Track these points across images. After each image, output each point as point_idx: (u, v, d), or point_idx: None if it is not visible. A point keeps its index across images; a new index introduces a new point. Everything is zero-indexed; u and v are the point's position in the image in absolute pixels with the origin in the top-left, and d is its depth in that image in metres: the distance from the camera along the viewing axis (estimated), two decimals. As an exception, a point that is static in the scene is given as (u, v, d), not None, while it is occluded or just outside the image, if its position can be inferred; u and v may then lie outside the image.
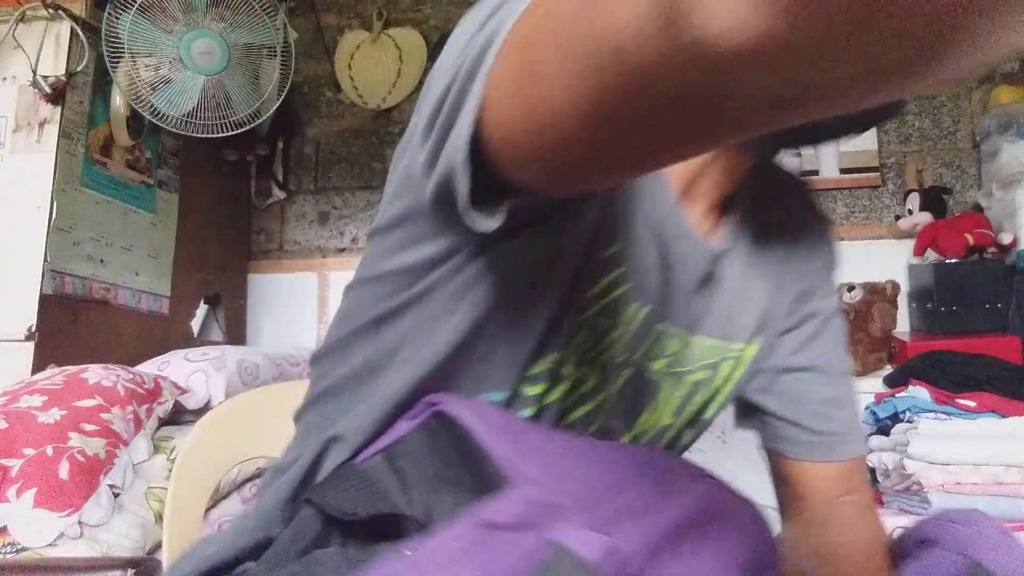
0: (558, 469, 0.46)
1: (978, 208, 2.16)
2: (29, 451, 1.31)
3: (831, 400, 0.67)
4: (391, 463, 0.49)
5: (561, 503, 0.42)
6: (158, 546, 1.32)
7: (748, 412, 0.71)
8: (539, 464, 0.45)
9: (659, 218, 0.57)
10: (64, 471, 1.30)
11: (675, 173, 0.58)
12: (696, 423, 0.67)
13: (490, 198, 0.41)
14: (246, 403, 1.03)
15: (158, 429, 1.54)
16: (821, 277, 0.69)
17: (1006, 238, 1.95)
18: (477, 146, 0.38)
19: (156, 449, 1.49)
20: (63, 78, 1.87)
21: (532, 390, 0.55)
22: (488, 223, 0.42)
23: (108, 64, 1.88)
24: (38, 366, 1.72)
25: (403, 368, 0.54)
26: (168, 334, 2.20)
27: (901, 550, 0.58)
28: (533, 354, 0.54)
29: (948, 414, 1.60)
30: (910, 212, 2.15)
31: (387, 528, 0.45)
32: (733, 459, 1.70)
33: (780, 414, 0.68)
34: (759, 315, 0.65)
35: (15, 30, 1.87)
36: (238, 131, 2.02)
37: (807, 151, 2.36)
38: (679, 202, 0.58)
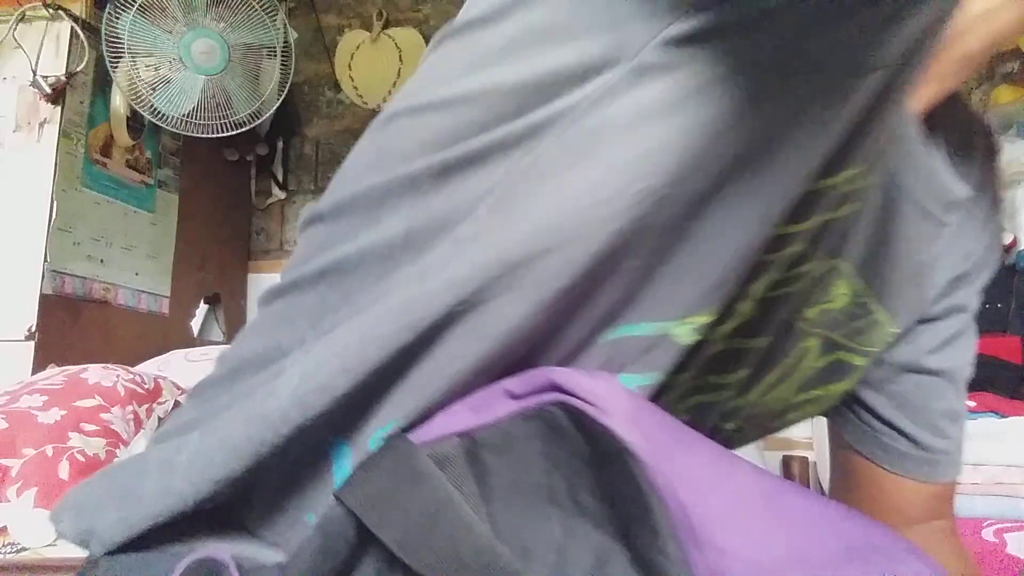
0: (752, 535, 0.31)
1: (978, 208, 2.17)
2: (29, 451, 1.31)
3: (951, 413, 0.56)
4: (473, 460, 0.33)
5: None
6: (158, 546, 1.32)
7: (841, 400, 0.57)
8: (729, 526, 0.30)
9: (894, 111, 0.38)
10: (64, 471, 1.30)
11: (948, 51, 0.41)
12: (816, 407, 0.53)
13: None
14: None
15: (158, 429, 1.54)
16: (983, 263, 0.55)
17: (1006, 238, 1.95)
18: None
19: (156, 449, 1.49)
20: (63, 78, 1.87)
21: (684, 336, 0.37)
22: None
23: (108, 64, 1.88)
24: (38, 366, 1.72)
25: (470, 248, 0.35)
26: (168, 334, 2.20)
27: None
28: (734, 263, 0.36)
29: (948, 414, 1.60)
30: (910, 212, 2.15)
31: None
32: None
33: (888, 418, 0.56)
34: (916, 292, 0.51)
35: (15, 30, 1.87)
36: (238, 131, 2.02)
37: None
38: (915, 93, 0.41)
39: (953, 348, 0.54)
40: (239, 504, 0.40)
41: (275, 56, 2.04)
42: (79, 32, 1.90)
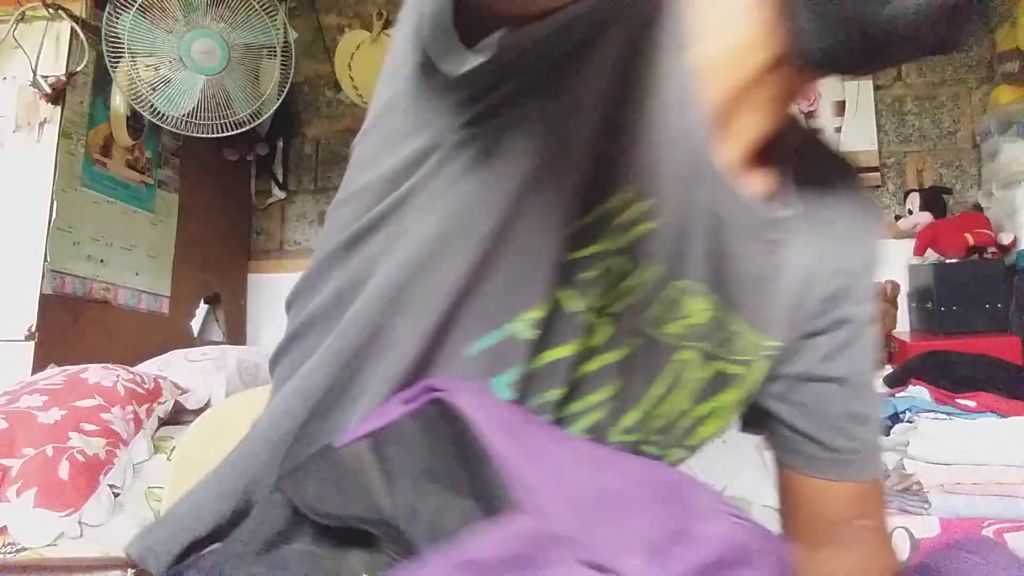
0: (565, 480, 0.41)
1: (978, 208, 2.16)
2: (29, 451, 1.31)
3: (854, 416, 0.61)
4: (377, 451, 0.43)
5: (560, 533, 0.37)
6: (158, 546, 1.32)
7: (759, 418, 0.64)
8: (544, 471, 0.41)
9: (685, 148, 0.48)
10: (64, 471, 1.30)
11: (708, 94, 0.48)
12: (719, 419, 0.58)
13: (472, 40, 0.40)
14: (244, 402, 1.03)
15: (158, 429, 1.54)
16: (860, 279, 0.60)
17: (1006, 238, 1.95)
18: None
19: (156, 449, 1.49)
20: (63, 78, 1.87)
21: (526, 331, 0.48)
22: (474, 59, 0.39)
23: (108, 64, 1.88)
24: (38, 366, 1.72)
25: (373, 291, 0.49)
26: (168, 334, 2.20)
27: None
28: (537, 281, 0.47)
29: (948, 414, 1.60)
30: (910, 212, 2.15)
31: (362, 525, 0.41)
32: (732, 459, 1.70)
33: (797, 426, 0.61)
34: (790, 309, 0.57)
35: (15, 30, 1.87)
36: (238, 131, 2.02)
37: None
38: (711, 134, 0.49)
39: (845, 356, 0.60)
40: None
41: (275, 56, 2.04)
42: (79, 32, 1.90)
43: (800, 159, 0.58)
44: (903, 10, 0.44)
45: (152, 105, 1.92)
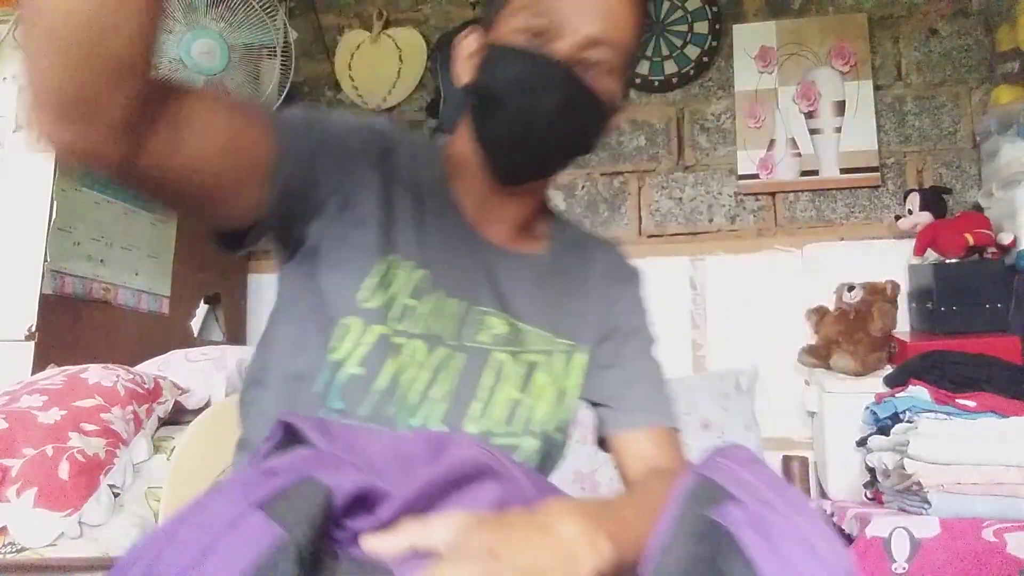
0: (358, 447, 0.61)
1: (978, 208, 2.16)
2: (29, 451, 1.31)
3: (627, 381, 0.87)
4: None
5: (337, 459, 0.56)
6: (158, 546, 1.32)
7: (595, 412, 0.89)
8: (343, 444, 0.60)
9: (449, 227, 0.81)
10: (64, 471, 1.30)
11: (467, 205, 0.83)
12: (546, 403, 0.80)
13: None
14: (246, 403, 1.03)
15: (158, 429, 1.54)
16: (626, 317, 0.91)
17: (1006, 238, 1.95)
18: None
19: (156, 449, 1.49)
20: (63, 78, 1.87)
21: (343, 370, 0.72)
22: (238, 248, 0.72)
23: (108, 64, 1.88)
24: (38, 366, 1.72)
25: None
26: (168, 334, 2.20)
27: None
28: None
29: (948, 414, 1.60)
30: (910, 212, 2.15)
31: None
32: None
33: (597, 401, 0.87)
34: (575, 322, 0.85)
35: (15, 30, 1.87)
36: (238, 131, 2.02)
37: (807, 151, 2.36)
38: (474, 223, 0.83)
39: (621, 351, 0.89)
40: None
41: (275, 56, 2.04)
42: (79, 32, 1.90)
43: (564, 230, 0.92)
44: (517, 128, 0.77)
45: (152, 105, 1.92)
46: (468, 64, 0.82)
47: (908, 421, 1.62)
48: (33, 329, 1.76)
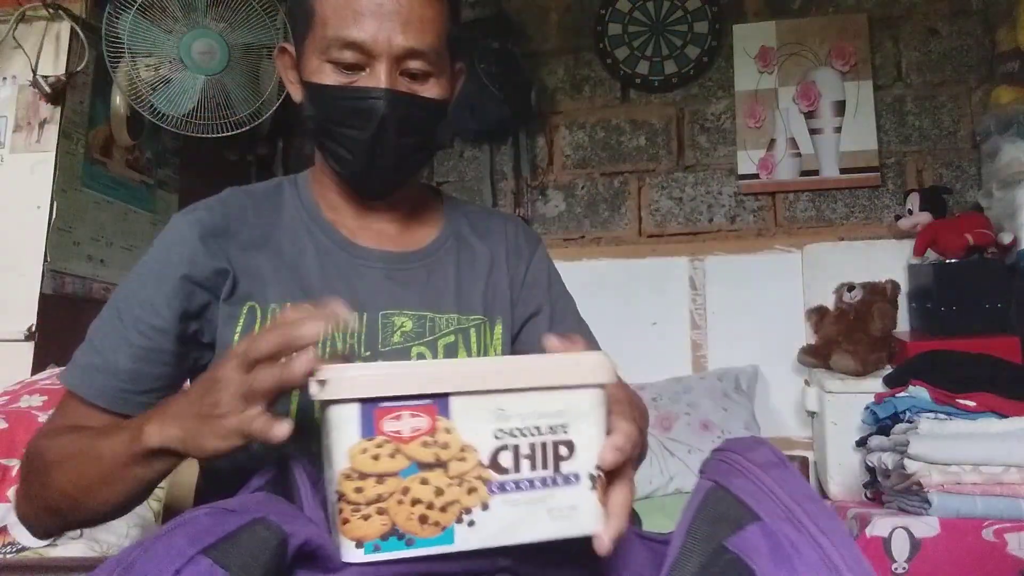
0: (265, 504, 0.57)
1: (978, 208, 2.16)
2: (29, 451, 1.31)
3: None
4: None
5: (294, 510, 0.55)
6: (158, 546, 1.32)
7: None
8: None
9: (325, 250, 0.84)
10: (64, 471, 1.30)
11: (342, 220, 0.87)
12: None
13: None
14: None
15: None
16: (534, 284, 0.94)
17: (1006, 238, 1.95)
18: None
19: (156, 449, 1.49)
20: (63, 78, 1.87)
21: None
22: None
23: (108, 64, 1.88)
24: (38, 366, 1.71)
25: None
26: (168, 334, 2.20)
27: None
28: None
29: (948, 414, 1.60)
30: (910, 212, 2.15)
31: None
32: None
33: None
34: (481, 299, 0.89)
35: (15, 30, 1.87)
36: (238, 131, 2.02)
37: (807, 151, 2.36)
38: (353, 235, 0.86)
39: (554, 323, 0.94)
40: None
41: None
42: (79, 32, 1.90)
43: (454, 212, 0.95)
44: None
45: (152, 105, 1.92)
46: (295, 92, 0.84)
47: (908, 421, 1.62)
48: (33, 329, 1.76)
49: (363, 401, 0.47)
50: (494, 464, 0.49)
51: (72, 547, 1.24)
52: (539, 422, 0.50)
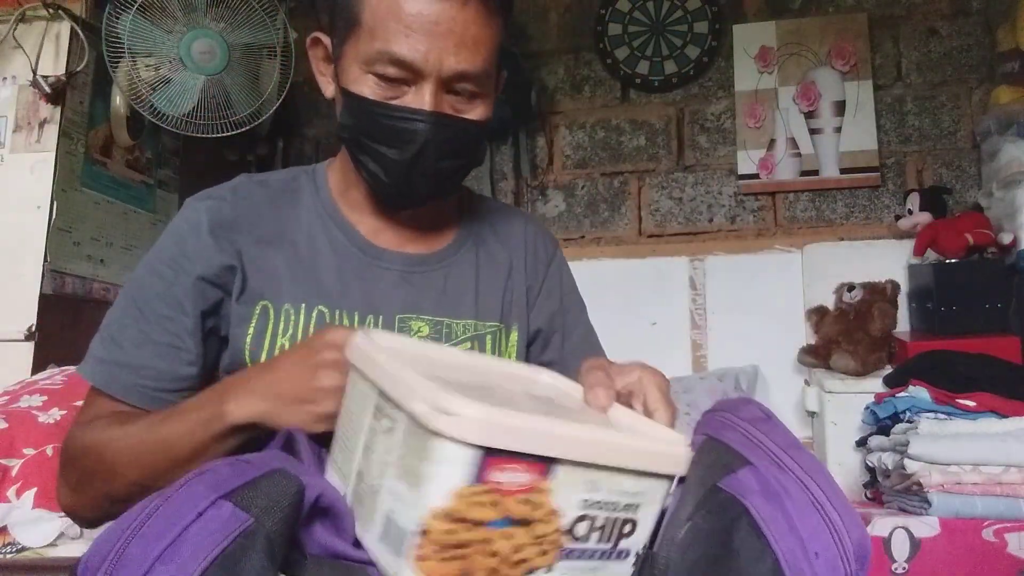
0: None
1: (978, 208, 2.16)
2: (29, 451, 1.31)
3: (572, 349, 0.94)
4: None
5: (310, 469, 0.58)
6: (158, 546, 1.32)
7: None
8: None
9: (343, 250, 0.82)
10: (64, 471, 1.30)
11: (361, 220, 0.84)
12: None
13: None
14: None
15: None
16: (549, 295, 0.93)
17: (1006, 238, 1.95)
18: None
19: (156, 449, 1.49)
20: (63, 78, 1.87)
21: None
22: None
23: (108, 64, 1.88)
24: (38, 366, 1.72)
25: None
26: (168, 334, 2.20)
27: None
28: None
29: (948, 414, 1.60)
30: (910, 212, 2.15)
31: None
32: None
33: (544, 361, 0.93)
34: (499, 304, 0.88)
35: (15, 30, 1.87)
36: (238, 131, 2.02)
37: (807, 151, 2.36)
38: (372, 235, 0.84)
39: (569, 342, 0.95)
40: None
41: (275, 56, 2.04)
42: (79, 32, 1.90)
43: (473, 212, 0.92)
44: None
45: (152, 105, 1.92)
46: (326, 85, 0.81)
47: (908, 421, 1.62)
48: (33, 329, 1.76)
49: (480, 448, 0.45)
50: (571, 531, 0.50)
51: (72, 547, 1.24)
52: (619, 499, 0.51)
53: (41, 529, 1.25)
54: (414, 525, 0.46)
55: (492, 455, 0.45)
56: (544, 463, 0.47)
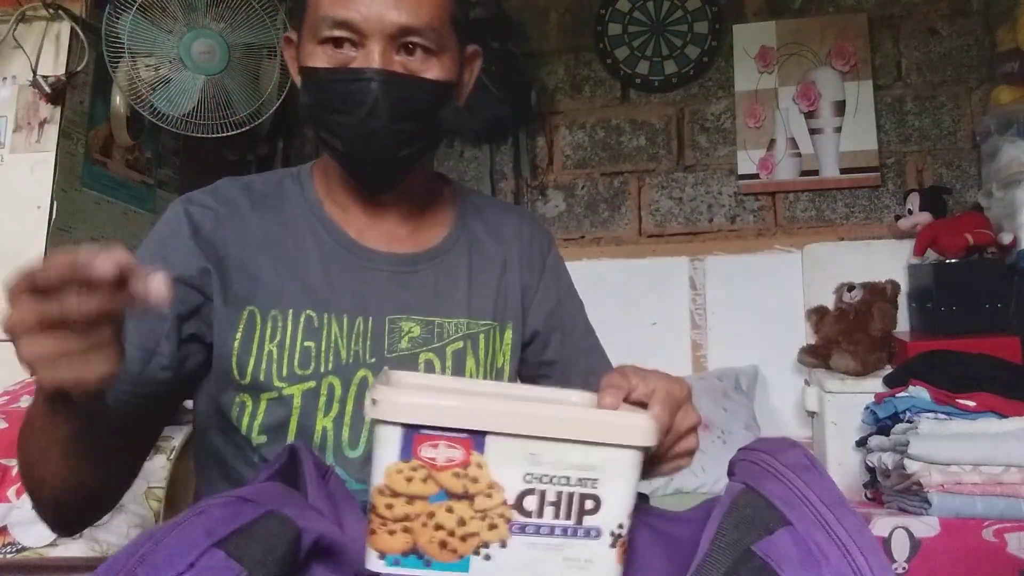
0: (340, 503, 0.63)
1: (978, 208, 2.16)
2: (29, 451, 1.31)
3: (573, 350, 0.94)
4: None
5: (304, 503, 0.56)
6: (158, 546, 1.32)
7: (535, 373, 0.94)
8: (331, 491, 0.63)
9: (330, 251, 0.80)
10: (64, 471, 1.30)
11: (348, 220, 0.83)
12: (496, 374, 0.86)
13: None
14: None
15: (158, 429, 1.54)
16: (546, 294, 0.92)
17: (1006, 238, 1.95)
18: None
19: (156, 449, 1.49)
20: (63, 78, 1.87)
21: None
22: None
23: (108, 64, 1.88)
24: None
25: None
26: (168, 334, 2.20)
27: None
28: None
29: (948, 414, 1.60)
30: (910, 212, 2.15)
31: None
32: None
33: (544, 360, 0.93)
34: (492, 301, 0.86)
35: (15, 30, 1.87)
36: (238, 131, 2.02)
37: (807, 151, 2.36)
38: (360, 236, 0.82)
39: (565, 341, 0.93)
40: None
41: (275, 56, 2.04)
42: (79, 32, 1.90)
43: (464, 208, 0.90)
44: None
45: (152, 105, 1.92)
46: (298, 79, 0.80)
47: (908, 421, 1.62)
48: (33, 329, 1.76)
49: (405, 426, 0.49)
50: (518, 505, 0.51)
51: (72, 547, 1.24)
52: (569, 473, 0.51)
53: (41, 529, 1.25)
54: (366, 502, 0.52)
55: (419, 432, 0.49)
56: (472, 437, 0.50)
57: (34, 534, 1.25)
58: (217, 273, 0.76)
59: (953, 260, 1.99)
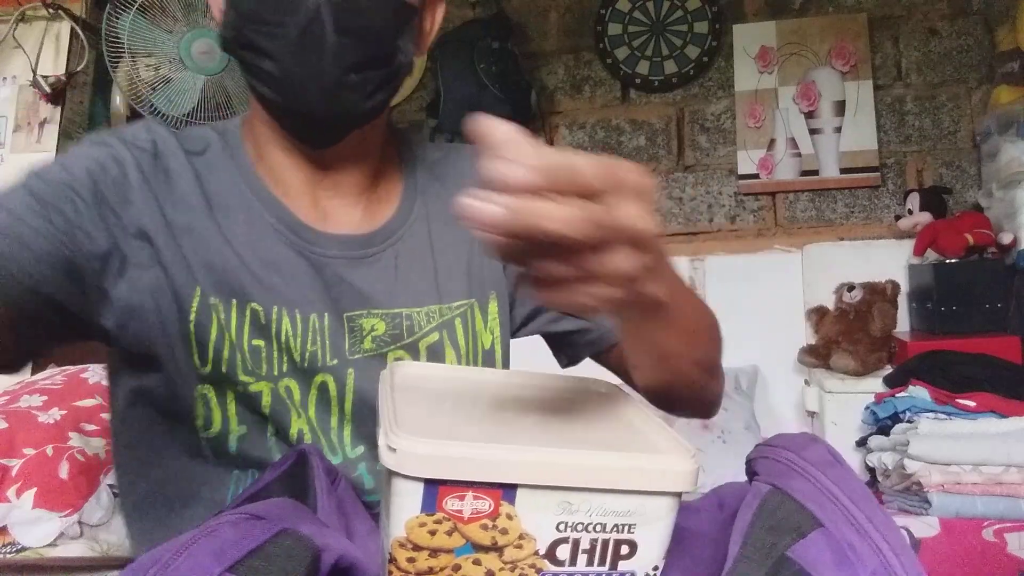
0: (347, 510, 0.58)
1: (978, 208, 2.16)
2: (29, 451, 1.31)
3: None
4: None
5: (319, 521, 0.51)
6: (158, 546, 1.32)
7: (557, 344, 0.82)
8: (340, 499, 0.58)
9: (270, 236, 0.67)
10: (64, 471, 1.30)
11: (290, 194, 0.68)
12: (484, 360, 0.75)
13: None
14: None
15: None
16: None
17: (1006, 238, 1.95)
18: None
19: (156, 449, 1.49)
20: (63, 78, 1.87)
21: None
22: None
23: (108, 64, 1.88)
24: (38, 366, 1.71)
25: None
26: (168, 334, 2.20)
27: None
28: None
29: (948, 414, 1.60)
30: (910, 212, 2.15)
31: None
32: (732, 457, 1.70)
33: (578, 328, 0.78)
34: (465, 275, 0.74)
35: (15, 30, 1.88)
36: (238, 131, 2.02)
37: (807, 151, 2.36)
38: (306, 215, 0.68)
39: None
40: None
41: (275, 56, 2.04)
42: (79, 32, 1.90)
43: (414, 169, 0.75)
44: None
45: (152, 105, 1.92)
46: (216, 9, 0.66)
47: (908, 421, 1.62)
48: (33, 329, 1.76)
49: (428, 481, 0.45)
50: (551, 555, 0.48)
51: (72, 547, 1.24)
52: (605, 520, 0.48)
53: (41, 529, 1.25)
54: (384, 554, 0.48)
55: (445, 485, 0.45)
56: (502, 488, 0.46)
57: (34, 534, 1.25)
58: (154, 242, 0.63)
59: (953, 260, 1.99)
